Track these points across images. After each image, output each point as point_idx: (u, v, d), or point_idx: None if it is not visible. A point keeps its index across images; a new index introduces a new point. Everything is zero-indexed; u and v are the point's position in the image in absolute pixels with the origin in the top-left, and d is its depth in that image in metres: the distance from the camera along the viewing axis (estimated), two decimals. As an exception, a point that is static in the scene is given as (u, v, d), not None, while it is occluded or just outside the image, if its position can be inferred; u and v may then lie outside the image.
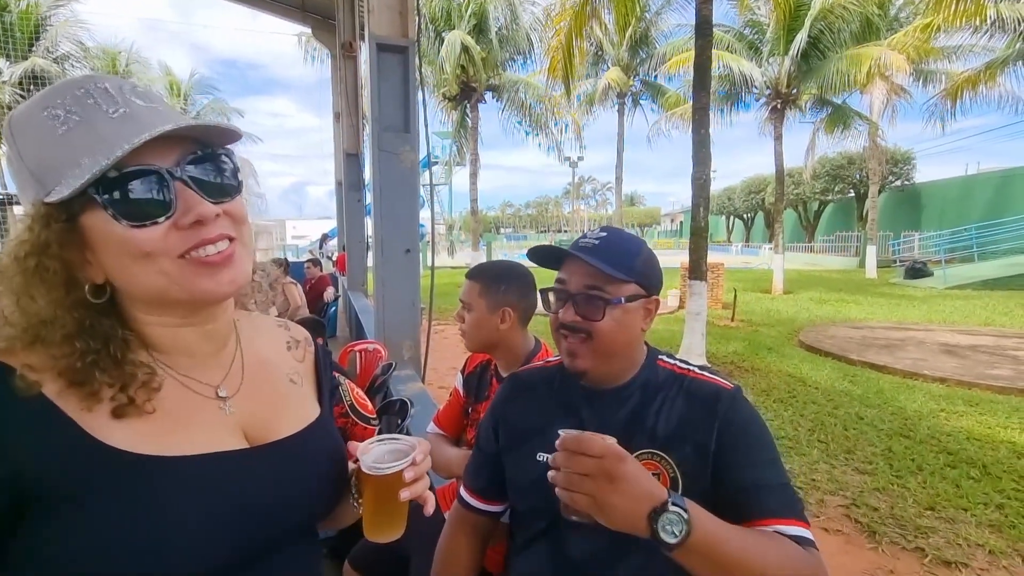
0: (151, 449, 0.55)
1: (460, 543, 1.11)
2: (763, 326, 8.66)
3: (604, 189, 75.29)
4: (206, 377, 0.64)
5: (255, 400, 0.67)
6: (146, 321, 0.59)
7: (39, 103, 0.53)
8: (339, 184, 8.92)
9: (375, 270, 3.68)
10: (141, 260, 0.53)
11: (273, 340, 0.78)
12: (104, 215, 0.51)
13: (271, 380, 0.71)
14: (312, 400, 0.77)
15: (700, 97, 5.96)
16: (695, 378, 0.98)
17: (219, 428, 0.63)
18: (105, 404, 0.55)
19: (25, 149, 0.53)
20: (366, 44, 3.64)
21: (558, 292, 0.98)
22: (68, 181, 0.50)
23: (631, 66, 19.39)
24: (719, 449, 0.90)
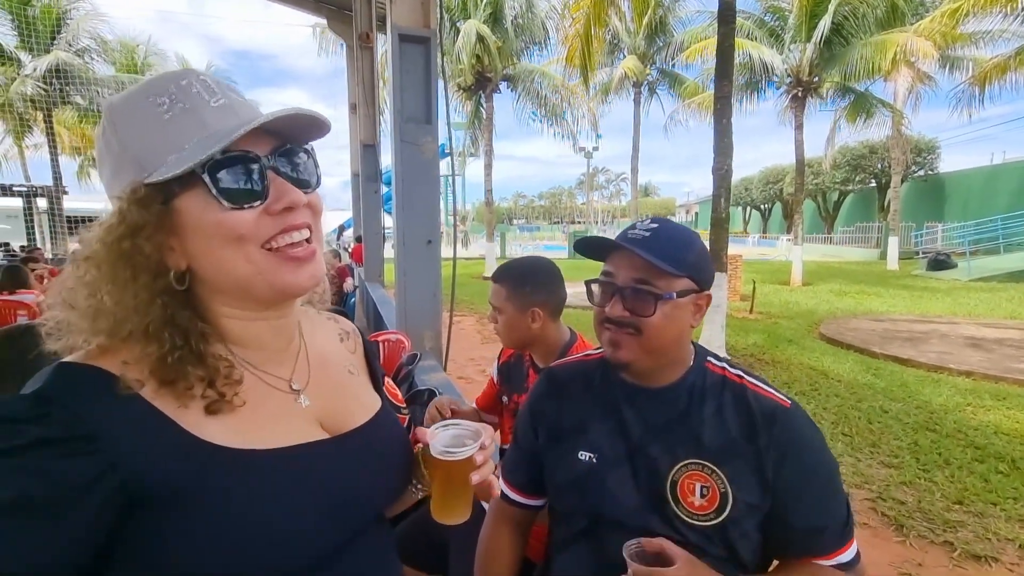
0: (246, 443, 0.57)
1: (502, 536, 1.11)
2: (782, 318, 8.56)
3: (618, 180, 74.61)
4: (279, 371, 0.65)
5: (324, 392, 0.69)
6: (222, 313, 0.60)
7: (142, 91, 0.55)
8: (355, 175, 8.95)
9: (396, 261, 3.70)
10: (232, 244, 0.54)
11: (327, 333, 0.79)
12: (203, 196, 0.53)
13: (334, 372, 0.73)
14: (370, 389, 0.79)
15: (722, 86, 5.86)
16: (750, 388, 0.93)
17: (299, 420, 0.64)
18: (197, 400, 0.56)
19: (127, 133, 0.55)
20: (384, 34, 3.65)
21: (604, 285, 0.94)
22: (173, 162, 0.52)
23: (648, 55, 19.09)
24: (779, 479, 0.87)
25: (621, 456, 0.94)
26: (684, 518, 0.87)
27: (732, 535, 0.86)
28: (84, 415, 0.49)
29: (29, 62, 14.91)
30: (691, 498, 0.87)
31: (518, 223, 70.09)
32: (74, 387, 0.51)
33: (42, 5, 15.01)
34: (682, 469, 0.89)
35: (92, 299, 0.53)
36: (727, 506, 0.86)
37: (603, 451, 0.95)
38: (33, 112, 15.38)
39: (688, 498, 0.87)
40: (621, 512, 0.91)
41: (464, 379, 4.51)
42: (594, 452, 0.96)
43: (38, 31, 14.96)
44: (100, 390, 0.51)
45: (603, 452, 0.95)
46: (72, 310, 0.54)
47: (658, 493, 0.89)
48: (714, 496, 0.86)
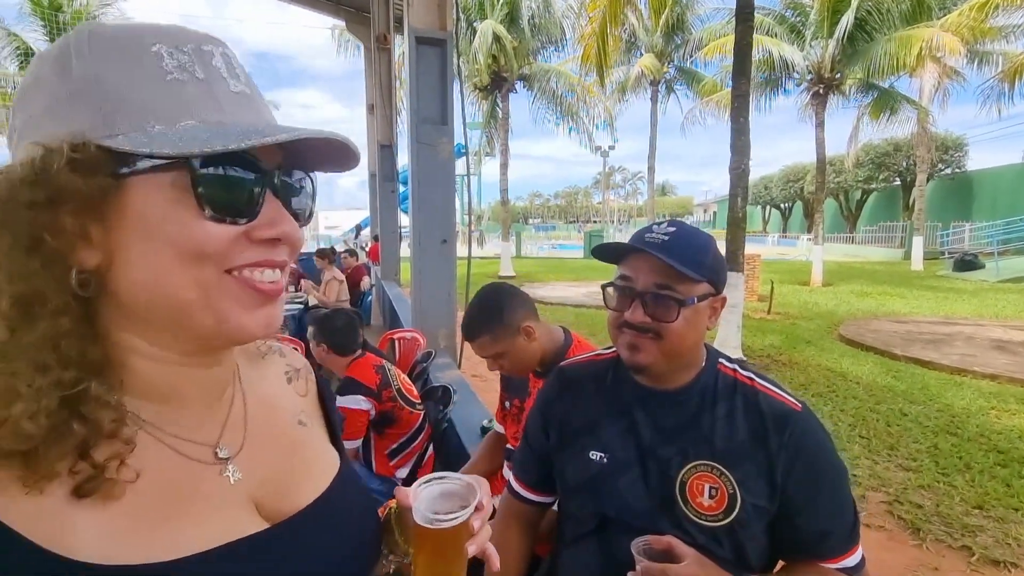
0: (138, 555, 0.39)
1: (512, 532, 1.13)
2: (801, 319, 8.44)
3: (635, 179, 74.12)
4: (199, 434, 0.47)
5: (265, 457, 0.51)
6: (130, 346, 0.42)
7: (149, 33, 0.41)
8: (372, 175, 9.07)
9: (412, 260, 3.76)
10: (189, 260, 0.39)
11: (272, 372, 0.61)
12: (177, 190, 0.39)
13: (280, 428, 0.56)
14: (326, 443, 0.62)
15: (740, 84, 5.81)
16: (761, 391, 0.94)
17: (225, 504, 0.46)
18: (62, 480, 0.37)
19: (102, 69, 0.39)
20: (401, 36, 3.70)
21: (623, 289, 0.92)
22: (164, 136, 0.38)
23: (665, 52, 18.95)
24: (788, 481, 0.88)
25: (632, 458, 0.95)
26: (693, 518, 0.88)
27: (740, 536, 0.87)
28: None
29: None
30: (700, 499, 0.89)
31: (534, 222, 70.06)
32: None
33: (72, 10, 15.47)
34: (692, 470, 0.90)
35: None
36: (735, 507, 0.87)
37: (614, 452, 0.96)
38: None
39: (697, 499, 0.89)
40: (630, 513, 0.93)
41: (478, 377, 4.55)
42: (605, 453, 0.97)
43: (68, 36, 15.41)
44: None
45: (614, 453, 0.96)
46: None
47: (668, 494, 0.90)
48: (723, 497, 0.88)
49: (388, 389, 2.18)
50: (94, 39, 0.40)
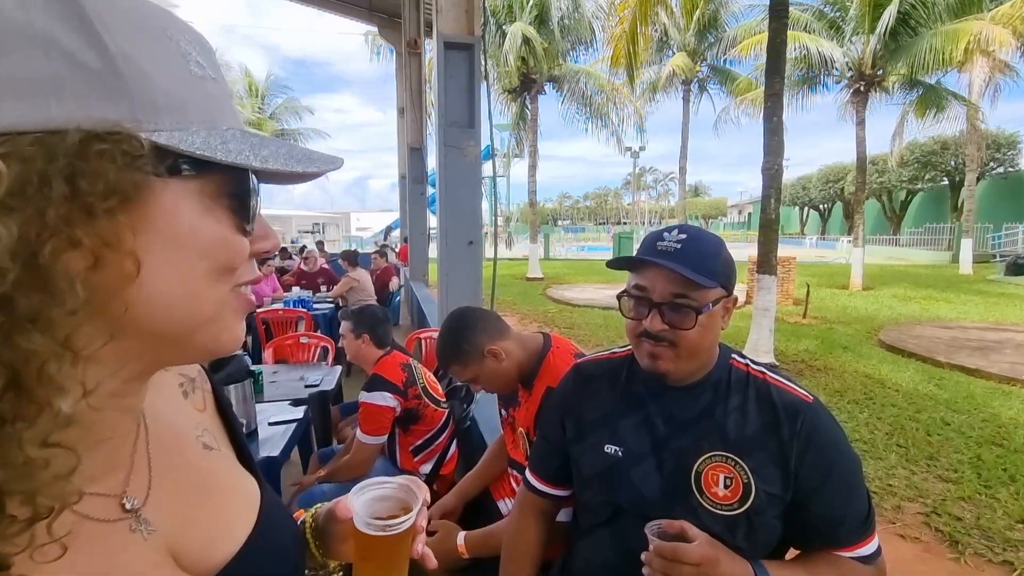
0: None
1: (528, 525, 1.17)
2: (838, 323, 8.17)
3: (666, 179, 73.02)
4: (103, 483, 0.38)
5: (175, 501, 0.43)
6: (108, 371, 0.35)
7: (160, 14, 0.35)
8: (403, 177, 9.25)
9: (439, 261, 3.83)
10: (215, 275, 0.36)
11: (166, 387, 0.50)
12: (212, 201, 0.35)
13: (185, 457, 0.46)
14: (238, 467, 0.52)
15: (773, 83, 5.68)
16: (772, 383, 0.96)
17: (141, 565, 0.38)
18: None
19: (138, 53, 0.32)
20: (431, 41, 3.78)
21: (639, 299, 0.95)
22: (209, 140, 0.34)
23: (698, 51, 18.63)
24: (800, 470, 0.90)
25: (646, 450, 0.98)
26: (708, 507, 0.91)
27: (754, 524, 0.89)
28: None
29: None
30: (715, 488, 0.91)
31: (563, 224, 69.85)
32: None
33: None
34: (706, 461, 0.93)
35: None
36: (750, 496, 0.89)
37: (629, 445, 1.00)
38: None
39: (712, 488, 0.91)
40: (645, 503, 0.95)
41: (504, 377, 4.61)
42: (620, 446, 1.00)
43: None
44: None
45: (628, 446, 1.00)
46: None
47: (683, 484, 0.93)
48: (737, 487, 0.90)
49: (414, 387, 2.24)
50: (115, 6, 0.32)
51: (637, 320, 0.95)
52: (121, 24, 0.32)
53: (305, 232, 24.25)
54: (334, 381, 3.04)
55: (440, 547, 1.43)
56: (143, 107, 0.32)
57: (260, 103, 24.78)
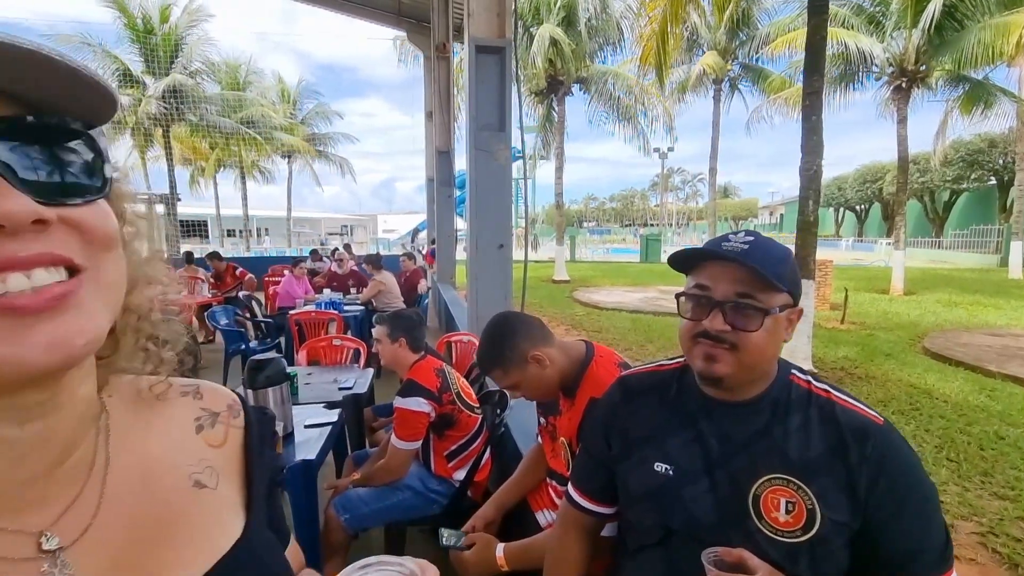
0: None
1: (571, 543, 1.13)
2: (879, 330, 7.86)
3: (695, 180, 71.80)
4: (20, 517, 0.36)
5: (118, 541, 0.39)
6: None
7: None
8: (430, 180, 9.32)
9: (468, 264, 3.82)
10: None
11: (172, 419, 0.48)
12: None
13: (157, 494, 0.43)
14: (231, 509, 0.48)
15: (812, 81, 5.50)
16: (838, 403, 0.90)
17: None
18: None
19: None
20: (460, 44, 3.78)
21: (699, 298, 0.90)
22: None
23: (729, 49, 18.26)
24: (871, 498, 0.84)
25: (699, 469, 0.93)
26: (768, 533, 0.85)
27: (819, 554, 0.84)
28: None
29: (152, 84, 16.87)
30: (775, 513, 0.86)
31: (588, 226, 69.39)
32: None
33: (163, 33, 16.93)
34: (765, 484, 0.87)
35: None
36: (815, 523, 0.83)
37: (679, 464, 0.95)
38: (154, 129, 17.38)
39: (772, 513, 0.86)
40: (697, 526, 0.90)
41: (532, 381, 4.57)
42: (670, 464, 0.95)
43: (159, 57, 16.91)
44: None
45: (679, 465, 0.95)
46: None
47: (739, 507, 0.88)
48: (800, 512, 0.84)
49: (448, 392, 2.23)
50: None
51: (696, 320, 0.90)
52: None
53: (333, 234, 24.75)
54: (367, 384, 3.05)
55: (479, 559, 1.41)
56: None
57: (292, 108, 25.39)
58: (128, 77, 16.81)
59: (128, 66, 16.81)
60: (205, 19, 17.30)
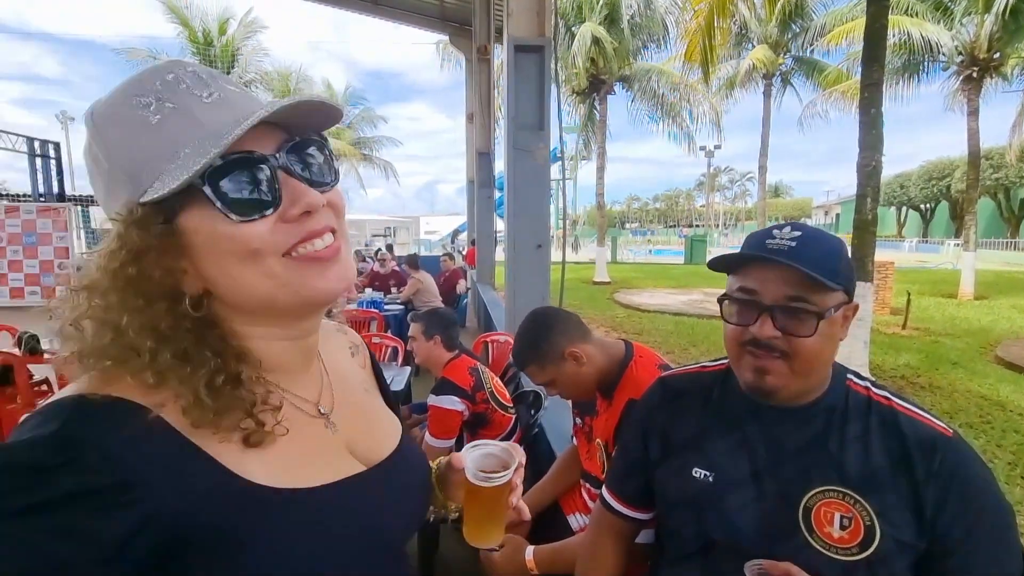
0: (287, 481, 0.50)
1: (605, 546, 1.09)
2: (945, 336, 7.33)
3: (743, 179, 69.44)
4: (305, 394, 0.59)
5: (349, 415, 0.62)
6: (247, 335, 0.52)
7: (124, 93, 0.47)
8: (471, 182, 9.39)
9: (507, 265, 3.81)
10: (248, 260, 0.47)
11: (339, 347, 0.72)
12: (208, 210, 0.45)
13: (353, 392, 0.67)
14: (385, 408, 0.74)
15: (871, 71, 5.18)
16: (901, 412, 0.83)
17: (333, 451, 0.58)
18: (236, 432, 0.49)
19: (113, 146, 0.46)
20: (501, 46, 3.79)
21: (745, 303, 0.83)
22: (170, 174, 0.44)
23: (781, 42, 17.51)
24: (939, 517, 0.77)
25: (744, 477, 0.87)
26: (820, 549, 0.79)
27: (879, 574, 0.77)
28: (117, 457, 0.41)
29: (212, 94, 17.83)
30: (828, 528, 0.79)
31: (631, 227, 68.26)
32: (102, 423, 0.43)
33: (221, 45, 17.87)
34: (818, 496, 0.81)
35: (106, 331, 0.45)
36: (873, 541, 0.77)
37: (722, 470, 0.90)
38: (212, 136, 18.36)
39: (825, 528, 0.80)
40: (740, 537, 0.85)
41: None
42: (711, 471, 0.90)
43: (217, 68, 17.83)
44: (130, 426, 0.43)
45: (722, 471, 0.89)
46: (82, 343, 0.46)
47: (788, 520, 0.82)
48: (857, 529, 0.78)
49: (481, 391, 2.22)
50: (96, 120, 0.47)
51: (743, 326, 0.83)
52: (106, 126, 0.47)
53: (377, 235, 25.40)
54: (404, 381, 3.09)
55: (508, 561, 1.38)
56: (133, 180, 0.45)
57: (340, 114, 26.20)
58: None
59: (190, 78, 17.82)
60: (259, 30, 18.15)
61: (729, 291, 0.86)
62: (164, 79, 0.47)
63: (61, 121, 21.76)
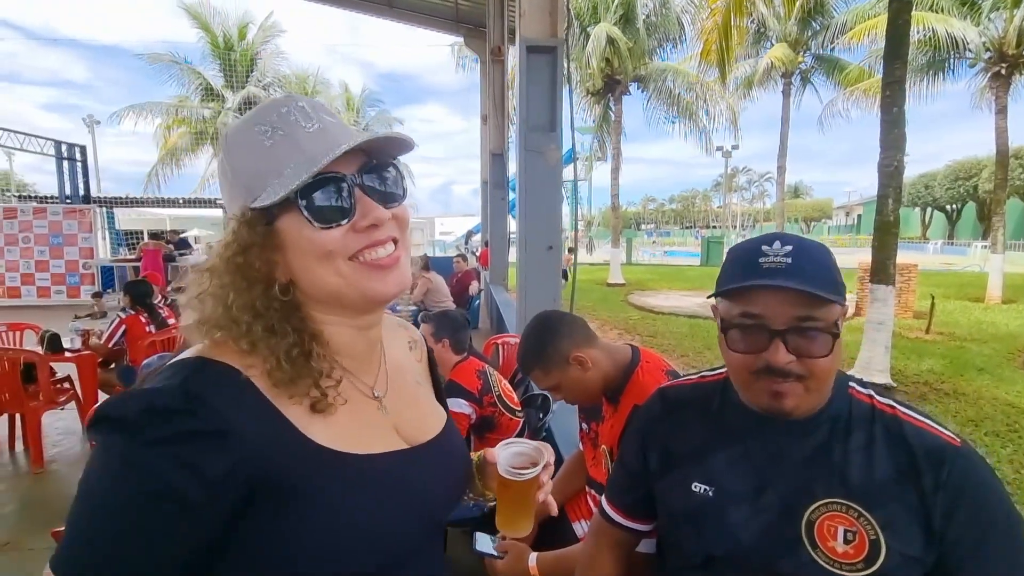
0: (342, 446, 0.59)
1: (603, 557, 1.07)
2: (971, 341, 7.12)
3: (762, 180, 68.41)
4: (364, 377, 0.68)
5: (400, 401, 0.71)
6: (321, 320, 0.63)
7: (251, 120, 0.59)
8: (484, 183, 9.40)
9: (518, 265, 3.80)
10: (323, 259, 0.57)
11: (400, 341, 0.81)
12: (299, 217, 0.56)
13: (407, 382, 0.76)
14: (435, 401, 0.82)
15: (893, 69, 5.06)
16: (906, 421, 0.80)
17: (382, 428, 0.67)
18: (305, 399, 0.58)
19: (238, 161, 0.59)
20: (514, 47, 3.78)
21: (752, 328, 0.79)
22: (274, 187, 0.55)
23: (801, 40, 17.21)
24: (948, 530, 0.74)
25: (745, 490, 0.85)
26: (822, 564, 0.76)
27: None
28: (222, 410, 0.52)
29: (231, 98, 18.14)
30: (831, 543, 0.77)
31: (647, 228, 67.72)
32: (214, 382, 0.54)
33: (241, 50, 18.18)
34: (821, 509, 0.78)
35: (218, 305, 0.57)
36: (879, 556, 0.74)
37: (723, 484, 0.87)
38: (231, 139, 18.70)
39: (828, 543, 0.77)
40: (742, 552, 0.82)
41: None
42: (711, 485, 0.88)
43: (237, 72, 18.15)
44: (234, 387, 0.55)
45: (723, 485, 0.87)
46: (201, 313, 0.58)
47: (791, 534, 0.79)
48: (862, 543, 0.75)
49: (489, 394, 2.20)
50: (228, 141, 0.61)
51: (753, 353, 0.79)
52: (234, 146, 0.60)
53: (394, 237, 25.63)
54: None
55: (511, 569, 1.36)
56: (248, 190, 0.58)
57: (356, 116, 26.52)
58: (210, 92, 18.18)
59: (210, 81, 18.17)
60: (278, 34, 18.42)
61: (728, 317, 0.81)
62: (279, 111, 0.59)
63: (88, 125, 22.34)
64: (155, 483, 0.48)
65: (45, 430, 3.52)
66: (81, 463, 3.43)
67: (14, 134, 12.74)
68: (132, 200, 15.33)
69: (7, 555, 2.44)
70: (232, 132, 0.61)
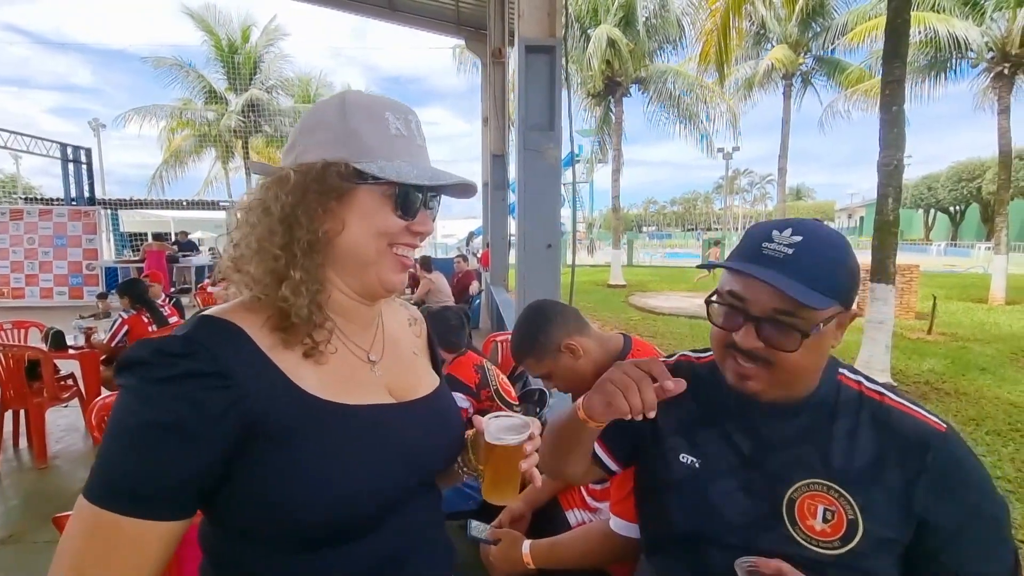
0: (331, 396, 0.66)
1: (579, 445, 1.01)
2: (973, 342, 7.10)
3: (763, 182, 68.33)
4: (360, 342, 0.76)
5: (394, 366, 0.79)
6: (336, 283, 0.71)
7: (383, 105, 0.70)
8: (485, 184, 9.42)
9: (517, 264, 3.81)
10: (377, 234, 0.69)
11: (400, 318, 0.91)
12: (381, 196, 0.68)
13: (402, 351, 0.84)
14: (430, 370, 0.90)
15: (893, 68, 5.07)
16: (892, 406, 0.81)
17: (372, 385, 0.74)
18: (299, 347, 0.66)
19: (359, 125, 0.68)
20: (514, 48, 3.80)
21: (733, 308, 0.80)
22: (384, 167, 0.66)
23: (801, 42, 17.23)
24: (929, 514, 0.74)
25: (730, 467, 0.86)
26: (800, 540, 0.78)
27: (856, 568, 0.75)
28: (220, 356, 0.60)
29: (234, 100, 18.24)
30: (810, 521, 0.78)
31: (648, 230, 67.69)
32: (213, 334, 0.62)
33: (244, 53, 18.28)
34: (802, 488, 0.80)
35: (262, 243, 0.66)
36: (855, 536, 0.75)
37: (708, 459, 0.89)
38: (234, 140, 18.75)
39: (807, 521, 0.78)
40: (724, 526, 0.84)
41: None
42: (697, 458, 0.90)
43: (241, 75, 18.26)
44: (232, 339, 0.63)
45: (708, 460, 0.89)
46: (240, 248, 0.67)
47: (771, 511, 0.81)
48: (840, 522, 0.76)
49: (486, 388, 2.22)
50: (352, 104, 0.69)
51: (725, 330, 0.81)
52: (360, 111, 0.69)
53: (395, 239, 25.70)
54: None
55: (505, 556, 1.38)
56: (356, 150, 0.67)
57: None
58: (213, 95, 18.28)
59: (213, 84, 18.28)
60: (281, 37, 18.52)
61: (720, 290, 0.83)
62: (406, 117, 0.71)
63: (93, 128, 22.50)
64: (164, 415, 0.56)
65: (49, 426, 3.54)
66: (84, 459, 3.46)
67: (21, 137, 12.82)
68: (136, 202, 15.40)
69: (11, 548, 2.46)
70: (361, 101, 0.70)
